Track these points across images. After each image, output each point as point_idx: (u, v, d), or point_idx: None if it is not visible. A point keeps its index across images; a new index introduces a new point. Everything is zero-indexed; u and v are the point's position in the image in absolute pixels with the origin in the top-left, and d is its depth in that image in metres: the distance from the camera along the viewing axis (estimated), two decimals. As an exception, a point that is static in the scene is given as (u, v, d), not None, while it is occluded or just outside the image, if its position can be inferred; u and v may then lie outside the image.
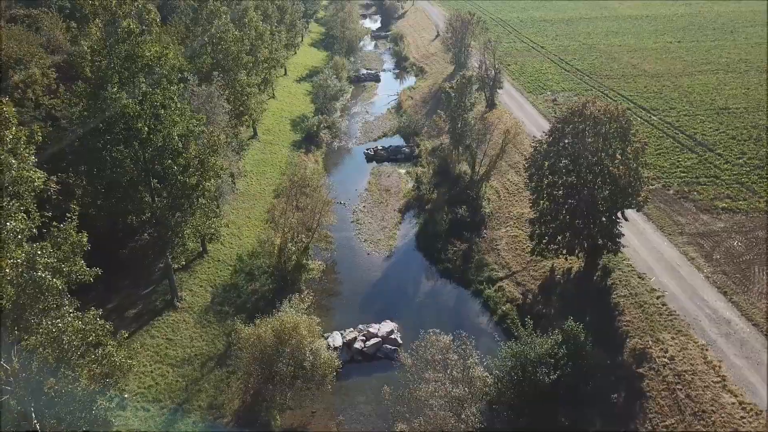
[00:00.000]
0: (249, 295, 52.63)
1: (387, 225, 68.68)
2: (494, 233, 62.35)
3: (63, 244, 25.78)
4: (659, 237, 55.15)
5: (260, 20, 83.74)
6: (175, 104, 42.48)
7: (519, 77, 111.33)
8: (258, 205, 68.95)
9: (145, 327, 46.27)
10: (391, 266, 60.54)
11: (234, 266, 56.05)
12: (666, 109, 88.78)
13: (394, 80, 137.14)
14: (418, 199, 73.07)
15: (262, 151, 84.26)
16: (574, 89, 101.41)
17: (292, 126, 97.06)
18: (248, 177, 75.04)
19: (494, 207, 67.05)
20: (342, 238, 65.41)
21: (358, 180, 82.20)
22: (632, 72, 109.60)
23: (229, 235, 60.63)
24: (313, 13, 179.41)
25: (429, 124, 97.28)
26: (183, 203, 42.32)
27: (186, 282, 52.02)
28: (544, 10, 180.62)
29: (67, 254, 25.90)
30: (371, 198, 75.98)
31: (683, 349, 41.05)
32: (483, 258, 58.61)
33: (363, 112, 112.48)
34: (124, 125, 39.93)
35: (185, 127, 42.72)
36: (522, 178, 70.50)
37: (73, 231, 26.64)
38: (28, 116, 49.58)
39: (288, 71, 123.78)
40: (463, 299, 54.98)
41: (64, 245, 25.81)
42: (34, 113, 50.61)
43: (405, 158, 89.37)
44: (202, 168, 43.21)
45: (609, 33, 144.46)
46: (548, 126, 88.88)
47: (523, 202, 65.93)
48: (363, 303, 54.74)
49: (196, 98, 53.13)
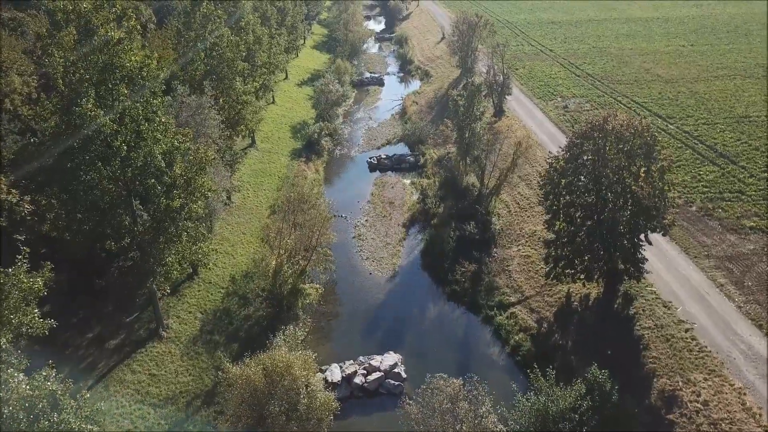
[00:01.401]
0: (242, 321, 48.85)
1: (390, 241, 64.80)
2: (505, 252, 58.42)
3: (11, 293, 21.93)
4: (684, 260, 51.15)
5: (258, 23, 79.92)
6: (158, 119, 38.70)
7: (528, 82, 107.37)
8: (254, 219, 65.15)
9: (126, 360, 42.48)
10: (395, 288, 56.65)
11: (226, 289, 52.28)
12: (683, 116, 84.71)
13: (398, 84, 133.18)
14: (424, 212, 69.19)
15: (260, 161, 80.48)
16: (586, 95, 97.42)
17: (293, 133, 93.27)
18: (244, 189, 71.25)
19: (504, 223, 63.12)
20: (342, 256, 61.61)
21: (360, 191, 78.37)
22: (645, 77, 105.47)
23: (222, 254, 56.88)
24: (316, 14, 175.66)
25: (435, 132, 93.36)
26: (167, 227, 38.50)
27: (174, 307, 48.24)
28: (552, 11, 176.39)
29: (16, 303, 22.04)
30: (374, 211, 72.14)
31: (718, 392, 37.07)
32: (493, 280, 54.70)
33: (366, 117, 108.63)
34: (102, 142, 36.19)
35: (169, 144, 38.94)
36: (534, 191, 66.72)
37: (23, 276, 22.77)
38: (1, 129, 45.97)
39: (289, 75, 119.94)
40: (473, 327, 51.05)
41: (12, 294, 21.96)
42: (9, 126, 46.96)
43: (410, 167, 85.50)
44: (188, 188, 39.42)
45: (619, 35, 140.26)
46: (559, 134, 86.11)
47: (535, 219, 62.04)
48: (364, 330, 50.89)
49: (185, 109, 49.32)
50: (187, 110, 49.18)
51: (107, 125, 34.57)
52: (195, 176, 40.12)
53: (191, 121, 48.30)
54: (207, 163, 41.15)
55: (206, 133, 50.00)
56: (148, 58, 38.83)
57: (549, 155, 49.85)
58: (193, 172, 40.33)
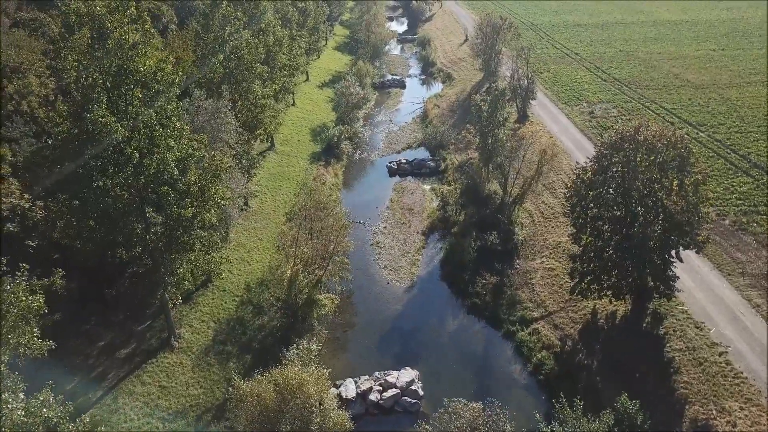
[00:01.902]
0: (255, 331, 47.65)
1: (409, 249, 63.19)
2: (528, 264, 56.47)
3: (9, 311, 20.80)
4: (717, 277, 48.82)
5: (279, 24, 78.82)
6: (173, 125, 37.59)
7: (552, 86, 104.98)
8: (271, 224, 64.01)
9: (136, 371, 41.48)
10: (413, 299, 55.05)
11: (241, 297, 51.15)
12: (714, 124, 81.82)
13: (420, 86, 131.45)
14: (444, 220, 67.44)
15: (279, 164, 79.40)
16: (612, 100, 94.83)
17: (312, 136, 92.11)
18: (262, 193, 70.19)
19: (528, 233, 61.14)
20: (360, 264, 60.15)
21: (379, 196, 76.88)
22: (674, 82, 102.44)
23: (238, 261, 55.79)
24: (338, 15, 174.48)
25: (456, 136, 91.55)
26: (180, 236, 37.35)
27: (186, 316, 47.20)
28: (578, 13, 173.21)
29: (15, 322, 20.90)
30: (393, 218, 70.59)
31: (755, 423, 34.91)
32: (515, 294, 52.81)
33: (387, 121, 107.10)
34: (114, 149, 35.17)
35: (184, 151, 37.82)
36: (559, 200, 64.68)
37: (22, 294, 21.62)
38: (17, 132, 45.29)
39: (310, 76, 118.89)
40: (493, 342, 49.25)
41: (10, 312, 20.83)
42: (23, 128, 46.26)
43: (430, 173, 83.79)
44: (201, 197, 38.25)
45: (647, 39, 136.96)
46: (585, 141, 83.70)
47: (559, 229, 60.03)
48: (381, 343, 49.37)
49: (202, 113, 48.25)
50: (204, 115, 48.10)
51: (119, 132, 33.50)
52: (209, 184, 38.93)
53: (207, 126, 47.19)
54: (222, 171, 39.97)
55: (222, 138, 48.86)
56: (163, 62, 37.74)
57: (576, 166, 47.83)
58: (207, 180, 39.16)
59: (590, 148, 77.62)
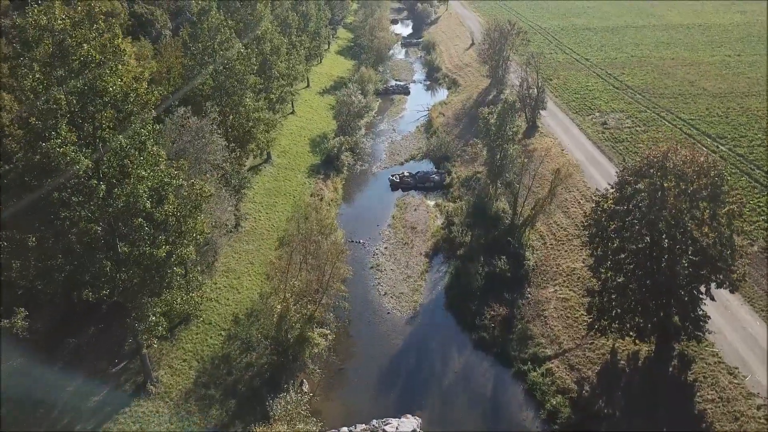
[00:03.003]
0: (243, 370, 43.60)
1: (412, 274, 59.04)
2: (540, 293, 52.25)
3: None
4: (749, 313, 44.52)
5: (277, 31, 74.83)
6: (147, 151, 33.59)
7: (562, 94, 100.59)
8: (264, 246, 59.97)
9: (106, 423, 37.41)
10: (416, 332, 50.89)
11: (228, 330, 47.11)
12: (735, 137, 77.27)
13: (424, 92, 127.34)
14: (449, 241, 63.26)
15: (275, 178, 75.37)
16: (626, 110, 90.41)
17: (311, 147, 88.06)
18: (256, 210, 66.17)
19: (539, 258, 56.91)
20: (358, 290, 56.08)
21: (380, 212, 72.78)
22: (690, 90, 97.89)
23: (226, 288, 51.78)
24: (341, 18, 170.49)
25: (462, 148, 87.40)
26: (152, 275, 33.36)
27: (166, 355, 43.13)
28: (587, 17, 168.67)
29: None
30: (395, 237, 66.45)
31: (804, 496, 30.71)
32: (527, 327, 48.60)
33: (389, 129, 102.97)
34: (77, 181, 31.19)
35: (159, 180, 33.82)
36: (572, 221, 60.59)
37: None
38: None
39: (311, 83, 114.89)
40: (503, 383, 45.01)
41: None
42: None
43: (434, 186, 79.64)
44: (179, 230, 34.25)
45: (659, 44, 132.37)
46: (598, 154, 78.94)
47: (574, 253, 55.80)
48: (379, 384, 45.23)
49: (186, 132, 44.25)
50: (188, 134, 44.10)
51: (82, 162, 29.50)
52: (188, 216, 34.89)
53: (190, 147, 43.16)
54: (203, 200, 35.93)
55: (207, 160, 44.81)
56: (137, 81, 33.75)
57: (596, 193, 43.60)
58: (186, 210, 35.10)
59: (604, 162, 73.45)
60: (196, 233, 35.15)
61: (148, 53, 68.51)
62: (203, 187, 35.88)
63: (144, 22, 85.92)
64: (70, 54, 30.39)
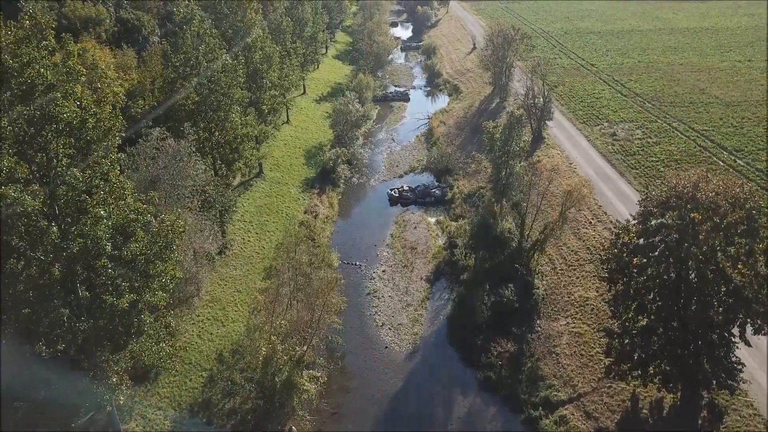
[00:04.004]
0: (224, 418, 39.46)
1: (412, 301, 54.89)
2: (551, 326, 48.09)
3: None
4: (783, 355, 40.37)
5: (268, 38, 70.71)
6: (111, 184, 29.44)
7: (568, 102, 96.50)
8: (253, 271, 55.84)
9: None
10: (416, 369, 46.70)
11: (210, 370, 42.97)
12: (753, 150, 73.10)
13: (425, 98, 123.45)
14: (451, 264, 59.15)
15: (267, 194, 71.21)
16: (635, 119, 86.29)
17: (306, 159, 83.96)
18: (245, 230, 62.06)
19: (549, 285, 52.78)
20: (354, 320, 51.96)
21: (378, 230, 68.66)
22: (701, 98, 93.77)
23: (210, 321, 47.66)
24: (340, 22, 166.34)
25: (464, 160, 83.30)
26: (117, 325, 29.21)
27: (139, 403, 38.91)
28: (591, 20, 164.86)
29: None
30: (393, 258, 62.31)
31: None
32: (537, 366, 44.41)
33: (388, 139, 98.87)
34: (26, 223, 27.04)
35: (123, 216, 29.70)
36: (583, 243, 56.58)
37: None
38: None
39: (307, 89, 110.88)
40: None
41: None
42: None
43: (435, 202, 75.56)
44: (146, 274, 30.12)
45: (667, 48, 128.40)
46: (608, 168, 74.28)
47: (586, 280, 51.68)
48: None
49: (162, 156, 40.09)
50: (164, 158, 39.93)
51: (28, 203, 25.35)
52: (157, 256, 30.72)
53: (165, 174, 38.97)
54: (175, 237, 31.78)
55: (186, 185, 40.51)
56: (99, 105, 29.62)
57: (616, 224, 39.44)
58: (156, 249, 30.93)
59: (615, 178, 69.28)
60: (166, 278, 30.97)
61: (132, 63, 64.48)
62: (175, 222, 31.70)
63: (130, 28, 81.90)
64: (14, 76, 26.24)
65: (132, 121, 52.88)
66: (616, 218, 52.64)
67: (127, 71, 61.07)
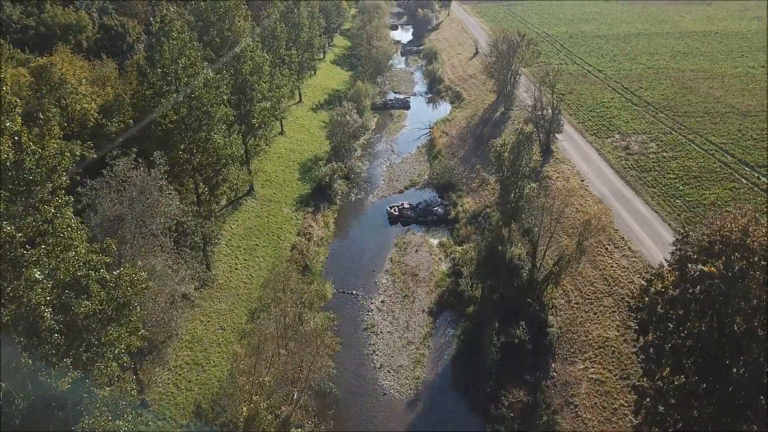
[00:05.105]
0: (200, 488, 34.80)
1: (413, 338, 50.13)
2: (567, 371, 43.31)
3: None
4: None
5: (258, 48, 65.93)
6: (56, 233, 24.66)
7: (576, 112, 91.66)
8: (240, 304, 51.05)
9: None
10: (418, 421, 41.89)
11: (187, 426, 38.17)
12: (777, 166, 68.44)
13: (426, 105, 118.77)
14: (456, 294, 54.35)
15: (257, 214, 66.44)
16: (648, 131, 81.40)
17: (301, 173, 79.17)
18: (233, 254, 57.35)
19: (564, 321, 48.01)
20: (350, 360, 47.24)
21: (377, 254, 63.93)
22: (716, 107, 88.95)
23: (189, 365, 42.86)
24: (338, 26, 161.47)
25: (468, 175, 78.64)
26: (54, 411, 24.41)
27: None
28: (596, 23, 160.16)
29: None
30: (393, 287, 57.54)
31: None
32: (554, 420, 39.64)
33: (388, 150, 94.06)
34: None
35: (72, 273, 24.92)
36: (600, 272, 51.77)
37: None
38: None
39: (303, 97, 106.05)
40: (527, 503, 36.19)
41: None
42: None
43: (438, 220, 70.85)
44: (97, 341, 25.32)
45: (676, 53, 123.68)
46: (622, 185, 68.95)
47: (604, 316, 46.91)
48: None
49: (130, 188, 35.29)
50: (131, 190, 35.05)
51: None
52: (113, 318, 25.91)
53: (129, 214, 34.01)
54: (137, 293, 26.95)
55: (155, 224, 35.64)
56: (41, 140, 24.82)
57: (648, 271, 34.68)
58: (112, 309, 26.08)
59: (630, 197, 64.40)
60: (120, 348, 26.02)
61: (112, 74, 59.64)
62: (135, 276, 26.91)
63: (114, 35, 77.21)
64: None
65: (106, 141, 48.23)
66: (633, 245, 47.88)
67: (105, 84, 56.34)
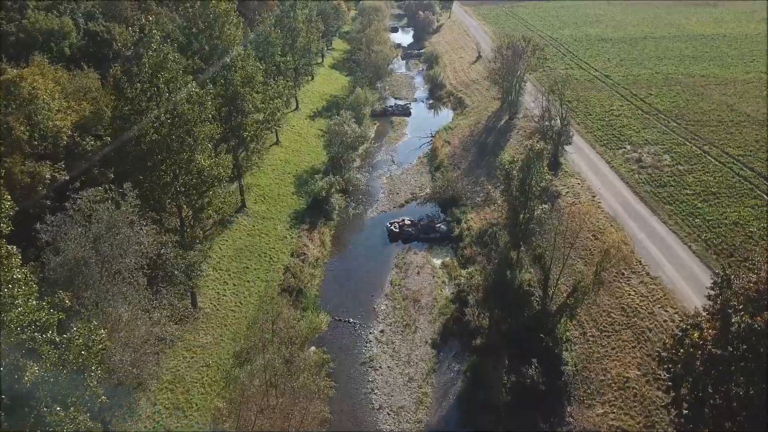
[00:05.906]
0: None
1: (414, 374, 46.26)
2: (585, 417, 39.45)
3: None
4: None
5: (251, 56, 62.09)
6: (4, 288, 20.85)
7: (585, 121, 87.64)
8: (227, 336, 47.21)
9: None
10: (421, 474, 38.19)
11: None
12: (799, 181, 64.61)
13: (427, 112, 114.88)
14: (461, 324, 50.57)
15: (249, 232, 62.59)
16: (660, 141, 77.47)
17: (297, 186, 75.26)
18: (221, 279, 53.56)
19: (579, 356, 44.14)
20: (346, 400, 43.42)
21: (376, 275, 60.10)
22: (730, 116, 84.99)
23: (168, 411, 38.97)
24: (337, 29, 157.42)
25: (471, 188, 74.85)
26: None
27: None
28: (601, 26, 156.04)
29: None
30: (393, 314, 53.70)
31: None
32: (571, 476, 35.90)
33: (388, 160, 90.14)
34: None
35: (13, 338, 21.14)
36: (617, 300, 47.97)
37: None
38: None
39: (300, 104, 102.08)
40: None
41: None
42: None
43: (441, 237, 67.10)
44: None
45: (684, 57, 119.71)
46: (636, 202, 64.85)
47: (624, 352, 43.10)
48: None
49: (95, 225, 31.42)
50: (98, 226, 31.20)
51: None
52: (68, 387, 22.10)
53: (93, 257, 30.22)
54: (92, 358, 23.13)
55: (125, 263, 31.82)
56: None
57: (684, 319, 30.83)
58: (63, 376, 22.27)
59: (645, 215, 60.53)
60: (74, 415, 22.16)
61: (94, 85, 55.78)
62: (92, 335, 23.11)
63: (100, 42, 73.30)
64: None
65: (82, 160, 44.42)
66: (651, 270, 43.97)
67: (86, 96, 52.52)
